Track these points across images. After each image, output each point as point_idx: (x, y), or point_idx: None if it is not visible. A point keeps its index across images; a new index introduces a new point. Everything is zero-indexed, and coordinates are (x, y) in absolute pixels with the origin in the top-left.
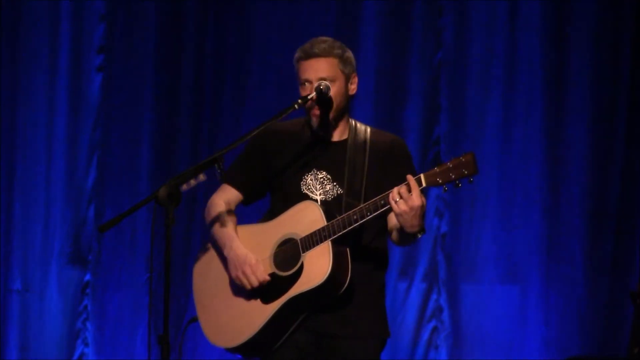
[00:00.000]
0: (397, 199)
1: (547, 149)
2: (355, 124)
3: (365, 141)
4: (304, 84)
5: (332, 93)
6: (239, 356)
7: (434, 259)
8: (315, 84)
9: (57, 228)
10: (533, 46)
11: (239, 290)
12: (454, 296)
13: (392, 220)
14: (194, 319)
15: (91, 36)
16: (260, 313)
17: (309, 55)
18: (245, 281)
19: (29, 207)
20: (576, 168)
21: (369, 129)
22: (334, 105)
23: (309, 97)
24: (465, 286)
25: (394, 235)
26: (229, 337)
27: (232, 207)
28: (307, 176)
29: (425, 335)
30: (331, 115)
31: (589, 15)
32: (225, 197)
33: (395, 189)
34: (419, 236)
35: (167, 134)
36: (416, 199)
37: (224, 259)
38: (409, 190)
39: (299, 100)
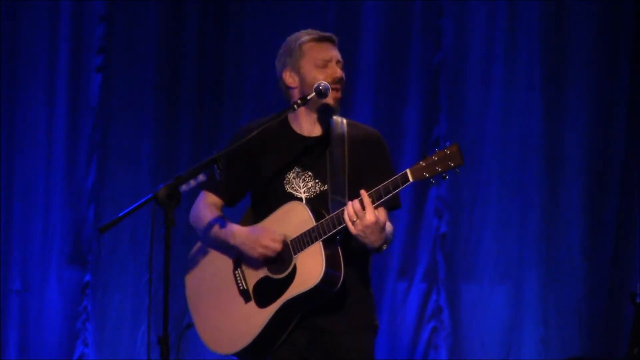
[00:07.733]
0: (354, 219)
1: (546, 149)
2: (333, 118)
3: (343, 135)
4: (326, 65)
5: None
6: (236, 358)
7: (434, 259)
8: (334, 65)
9: (56, 228)
10: (532, 46)
11: (233, 295)
12: (454, 296)
13: None
14: (190, 325)
15: (91, 36)
16: (257, 318)
17: (326, 39)
18: (269, 253)
19: (28, 207)
20: (575, 168)
21: (345, 122)
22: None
23: (308, 97)
24: (464, 286)
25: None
26: (228, 344)
27: (219, 210)
28: (289, 174)
29: (425, 335)
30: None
31: (588, 16)
32: (209, 201)
33: (350, 205)
34: (384, 248)
35: (167, 134)
36: (370, 215)
37: (217, 263)
38: (363, 207)
39: (298, 101)
